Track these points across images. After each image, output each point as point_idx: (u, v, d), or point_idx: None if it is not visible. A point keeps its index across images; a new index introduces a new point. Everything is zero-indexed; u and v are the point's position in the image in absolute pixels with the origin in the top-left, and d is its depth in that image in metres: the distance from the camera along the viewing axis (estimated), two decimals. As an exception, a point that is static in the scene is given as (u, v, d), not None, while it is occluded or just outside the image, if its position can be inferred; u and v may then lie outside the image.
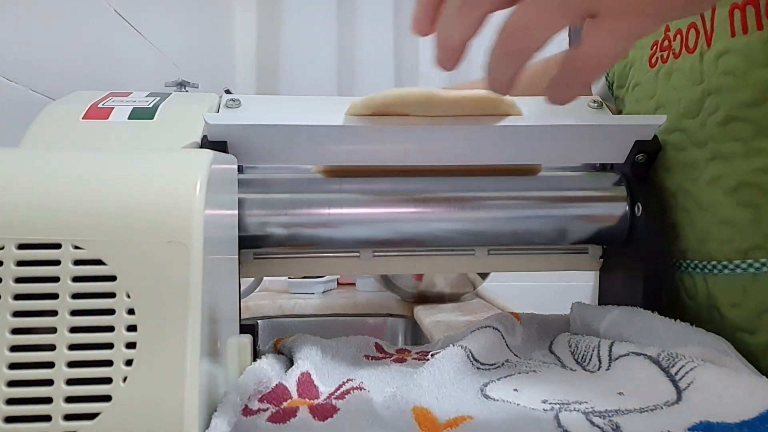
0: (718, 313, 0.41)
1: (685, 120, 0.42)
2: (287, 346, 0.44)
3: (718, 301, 0.41)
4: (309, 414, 0.32)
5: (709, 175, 0.41)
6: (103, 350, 0.26)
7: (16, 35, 0.55)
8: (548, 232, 0.47)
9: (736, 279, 0.40)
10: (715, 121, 0.40)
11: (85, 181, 0.28)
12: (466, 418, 0.31)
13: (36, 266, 0.26)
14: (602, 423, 0.30)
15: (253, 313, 1.05)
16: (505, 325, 0.46)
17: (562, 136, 0.45)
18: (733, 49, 0.39)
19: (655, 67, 0.46)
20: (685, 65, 0.43)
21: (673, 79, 0.44)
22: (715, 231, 0.41)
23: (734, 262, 0.40)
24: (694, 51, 0.42)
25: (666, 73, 0.45)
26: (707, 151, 0.41)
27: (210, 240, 0.29)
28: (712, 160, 0.41)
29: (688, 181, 0.43)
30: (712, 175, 0.41)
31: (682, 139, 0.43)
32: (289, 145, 0.43)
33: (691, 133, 0.42)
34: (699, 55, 0.41)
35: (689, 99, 0.42)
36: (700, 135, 0.41)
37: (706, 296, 0.42)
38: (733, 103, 0.39)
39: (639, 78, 0.48)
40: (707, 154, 0.41)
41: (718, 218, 0.41)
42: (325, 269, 0.50)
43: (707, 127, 0.41)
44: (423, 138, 0.44)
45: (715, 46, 0.40)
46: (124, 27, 0.83)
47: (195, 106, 0.44)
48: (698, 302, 0.43)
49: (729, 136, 0.39)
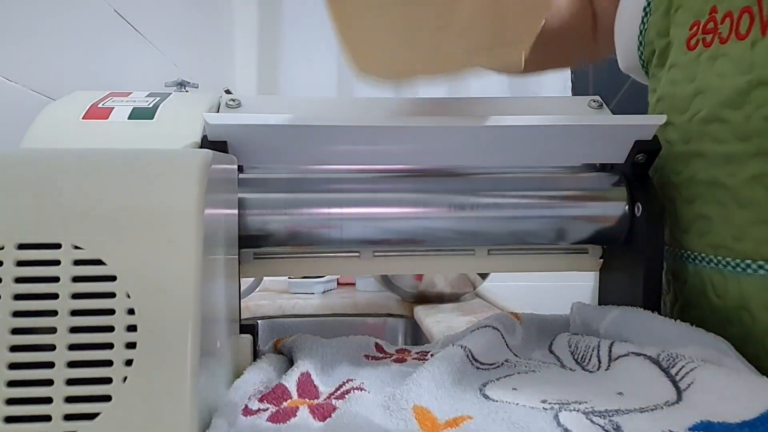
0: (750, 316, 0.40)
1: (728, 110, 0.40)
2: (287, 346, 0.44)
3: (750, 303, 0.39)
4: (309, 414, 0.32)
5: (752, 171, 0.39)
6: (103, 350, 0.26)
7: (16, 35, 0.55)
8: (548, 232, 0.47)
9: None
10: (762, 115, 0.38)
11: (84, 180, 0.28)
12: (465, 417, 0.31)
13: (36, 266, 0.26)
14: (603, 423, 0.30)
15: (253, 313, 1.05)
16: (505, 325, 0.46)
17: (562, 136, 0.45)
18: None
19: (695, 49, 0.43)
20: (733, 51, 0.40)
21: (717, 66, 0.41)
22: (753, 230, 0.39)
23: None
24: (746, 38, 0.39)
25: (710, 57, 0.42)
26: (752, 145, 0.39)
27: (210, 240, 0.29)
28: (757, 155, 0.39)
29: (726, 175, 0.41)
30: (755, 172, 0.39)
31: (722, 130, 0.41)
32: (289, 145, 0.43)
33: (734, 125, 0.40)
34: (750, 43, 0.39)
35: (734, 88, 0.40)
36: (745, 128, 0.39)
37: (738, 297, 0.40)
38: None
39: (676, 59, 0.45)
40: (751, 149, 0.39)
41: (757, 217, 0.39)
42: (325, 269, 0.50)
43: (753, 120, 0.39)
44: (423, 138, 0.44)
45: None
46: (124, 27, 0.83)
47: (195, 106, 0.44)
48: (727, 302, 0.41)
49: None
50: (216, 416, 0.29)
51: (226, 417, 0.29)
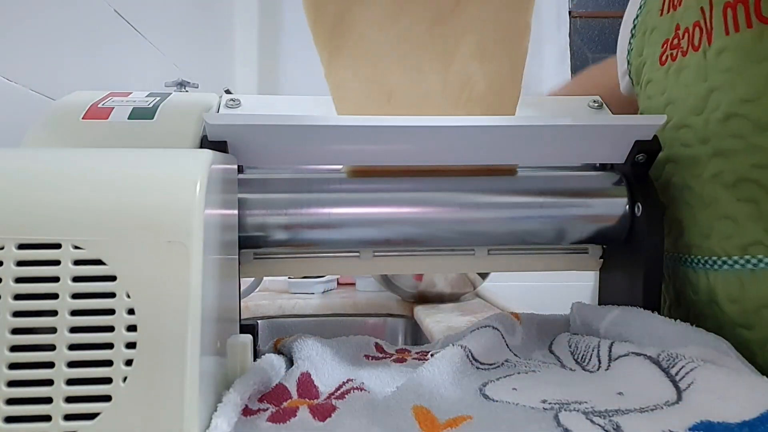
0: (719, 309, 0.42)
1: (692, 117, 0.43)
2: (287, 346, 0.44)
3: (718, 297, 0.41)
4: (309, 414, 0.32)
5: (711, 172, 0.41)
6: (103, 350, 0.26)
7: (16, 35, 0.55)
8: (548, 232, 0.47)
9: (734, 274, 0.40)
10: (716, 118, 0.41)
11: (85, 180, 0.28)
12: (465, 417, 0.31)
13: (36, 266, 0.26)
14: (603, 423, 0.30)
15: (253, 313, 1.05)
16: (505, 325, 0.46)
17: (563, 136, 0.45)
18: (729, 47, 0.39)
19: (665, 64, 0.46)
20: (692, 63, 0.43)
21: (682, 77, 0.44)
22: (716, 227, 0.41)
23: (733, 258, 0.40)
24: (699, 49, 0.42)
25: (676, 70, 0.45)
26: (709, 147, 0.41)
27: (210, 240, 0.29)
28: (714, 156, 0.41)
29: (692, 177, 0.43)
30: (714, 171, 0.41)
31: (688, 136, 0.43)
32: (289, 145, 0.43)
33: (697, 130, 0.42)
34: (703, 53, 0.42)
35: (696, 96, 0.42)
36: (704, 132, 0.42)
37: (708, 291, 0.42)
38: (732, 100, 0.39)
39: (651, 75, 0.48)
40: (709, 151, 0.41)
41: (718, 214, 0.41)
42: (325, 269, 0.50)
43: (710, 123, 0.41)
44: (423, 138, 0.44)
45: (715, 44, 0.41)
46: (124, 27, 0.83)
47: (195, 106, 0.44)
48: (701, 297, 0.43)
49: (729, 133, 0.40)
50: (216, 416, 0.29)
51: (226, 417, 0.29)
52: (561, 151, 0.46)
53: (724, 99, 0.40)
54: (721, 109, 0.40)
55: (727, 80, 0.40)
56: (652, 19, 0.49)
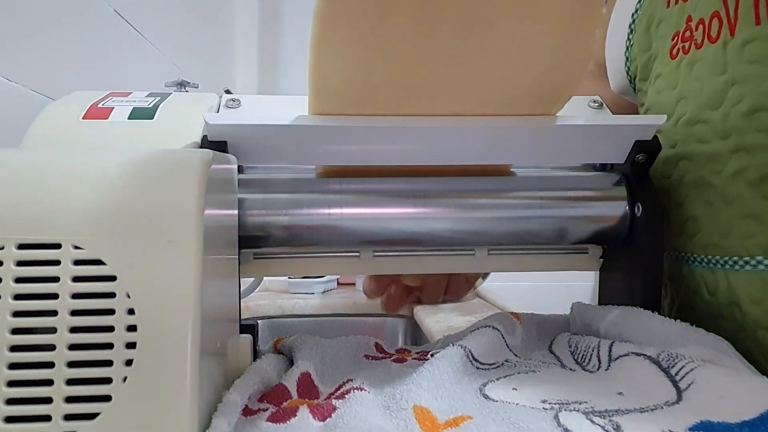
0: (740, 311, 0.40)
1: (708, 111, 0.41)
2: (287, 346, 0.44)
3: (739, 298, 0.40)
4: (309, 414, 0.32)
5: (733, 168, 0.40)
6: (103, 350, 0.26)
7: (17, 35, 0.55)
8: (548, 232, 0.47)
9: (758, 275, 0.39)
10: (739, 112, 0.39)
11: (85, 180, 0.28)
12: (465, 417, 0.31)
13: (36, 266, 0.26)
14: (603, 423, 0.30)
15: (253, 313, 1.05)
16: (504, 325, 0.46)
17: (562, 136, 0.44)
18: (759, 37, 0.38)
19: (677, 58, 0.45)
20: (707, 55, 0.42)
21: (695, 70, 0.43)
22: (739, 225, 0.40)
23: (757, 258, 0.39)
24: (717, 41, 0.41)
25: (688, 64, 0.44)
26: (731, 142, 0.40)
27: (210, 240, 0.29)
28: (736, 152, 0.40)
29: (711, 173, 0.42)
30: (736, 168, 0.40)
31: (705, 131, 0.42)
32: (289, 145, 0.43)
33: (715, 125, 0.41)
34: (722, 45, 0.40)
35: (712, 89, 0.41)
36: (724, 126, 0.40)
37: (728, 293, 0.41)
38: (760, 93, 0.38)
39: (661, 69, 0.47)
40: (731, 146, 0.40)
41: (741, 212, 0.40)
42: (325, 269, 0.50)
43: (731, 118, 0.40)
44: (423, 138, 0.44)
45: (740, 35, 0.39)
46: (124, 27, 0.83)
47: (195, 106, 0.44)
48: (718, 299, 0.42)
49: (754, 127, 0.38)
50: (216, 416, 0.29)
51: (226, 417, 0.29)
52: (560, 151, 0.46)
53: (750, 92, 0.38)
54: (745, 102, 0.39)
55: (754, 72, 0.38)
56: (657, 12, 0.47)
